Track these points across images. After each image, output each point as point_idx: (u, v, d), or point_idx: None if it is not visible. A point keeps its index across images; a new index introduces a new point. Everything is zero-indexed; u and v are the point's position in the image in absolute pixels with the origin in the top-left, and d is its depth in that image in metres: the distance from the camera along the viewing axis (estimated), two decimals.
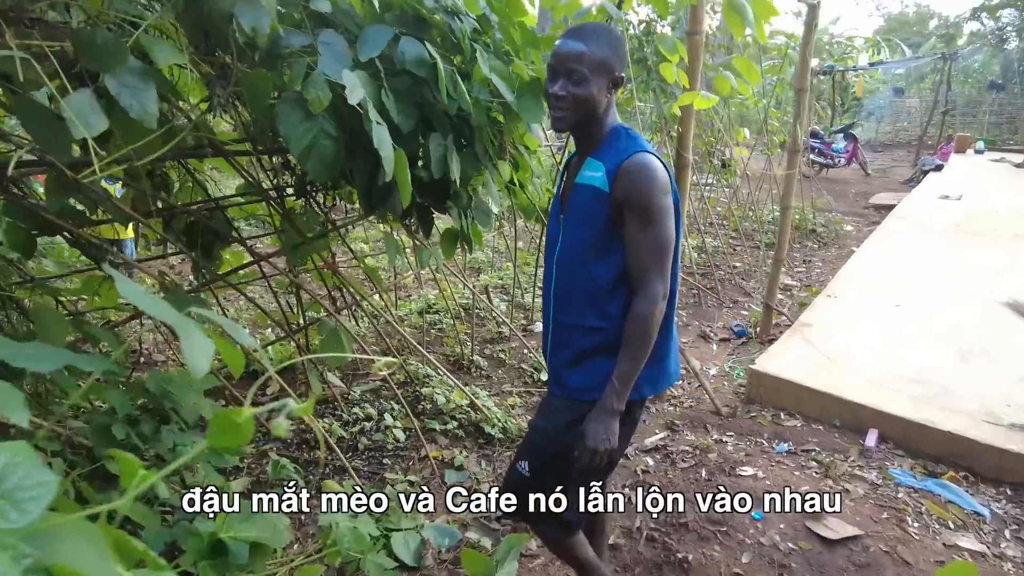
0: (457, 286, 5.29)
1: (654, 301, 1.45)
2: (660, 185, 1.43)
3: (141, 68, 1.45)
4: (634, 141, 1.50)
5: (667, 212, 1.44)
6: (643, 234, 1.44)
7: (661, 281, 1.46)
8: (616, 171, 1.45)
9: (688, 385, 3.82)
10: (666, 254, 1.46)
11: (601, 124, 1.54)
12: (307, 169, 1.85)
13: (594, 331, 1.57)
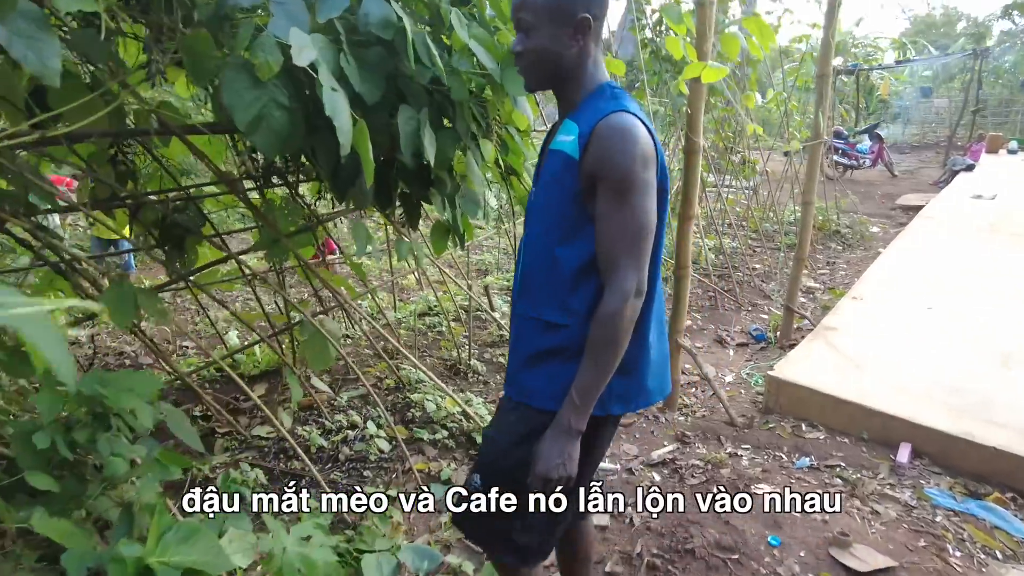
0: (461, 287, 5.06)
1: (624, 297, 1.17)
2: (640, 154, 1.16)
3: (38, 14, 1.24)
4: (616, 100, 1.24)
5: (646, 188, 1.17)
6: (615, 213, 1.17)
7: (634, 273, 1.18)
8: (589, 135, 1.19)
9: (701, 393, 3.55)
10: (642, 240, 1.18)
11: (577, 81, 1.29)
12: (255, 143, 1.63)
13: (553, 328, 1.30)
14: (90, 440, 1.73)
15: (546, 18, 1.23)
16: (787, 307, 4.22)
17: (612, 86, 1.29)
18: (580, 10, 1.22)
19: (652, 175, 1.19)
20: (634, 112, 1.21)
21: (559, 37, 1.23)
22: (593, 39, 1.27)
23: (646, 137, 1.18)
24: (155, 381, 1.87)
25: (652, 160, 1.19)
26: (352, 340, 4.25)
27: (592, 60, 1.28)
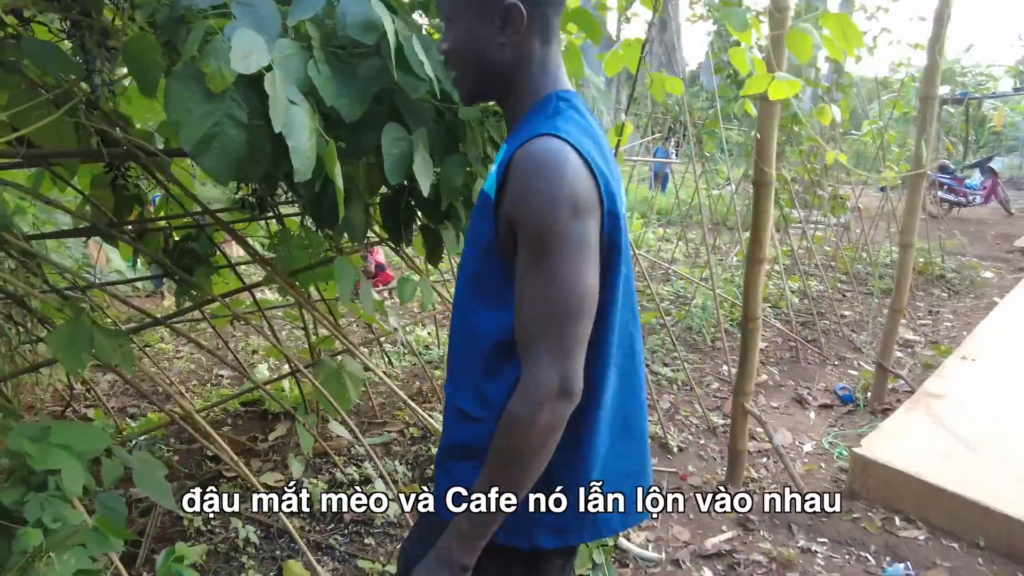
0: None
1: (538, 398, 0.82)
2: (568, 197, 0.81)
3: None
4: (555, 117, 0.89)
5: (575, 246, 0.82)
6: (532, 280, 0.84)
7: (556, 364, 0.82)
8: (506, 166, 0.87)
9: (773, 465, 3.03)
10: (570, 319, 0.83)
11: (517, 90, 0.97)
12: (203, 167, 1.37)
13: (467, 419, 0.97)
14: (18, 503, 1.49)
15: (463, 6, 0.94)
16: (880, 364, 3.63)
17: (562, 96, 0.95)
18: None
19: (588, 227, 0.83)
20: (568, 135, 0.85)
21: (483, 31, 0.93)
22: (537, 35, 0.94)
23: (579, 174, 0.83)
24: (100, 437, 1.62)
25: (589, 207, 0.83)
26: (391, 378, 3.99)
27: (537, 63, 0.96)
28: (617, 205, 0.89)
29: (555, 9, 0.95)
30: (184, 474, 2.76)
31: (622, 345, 0.96)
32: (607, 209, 0.86)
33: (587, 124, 0.91)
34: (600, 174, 0.85)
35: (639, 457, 1.06)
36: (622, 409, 1.00)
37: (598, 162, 0.86)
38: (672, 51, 19.02)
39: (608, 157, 0.93)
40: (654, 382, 3.94)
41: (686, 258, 7.23)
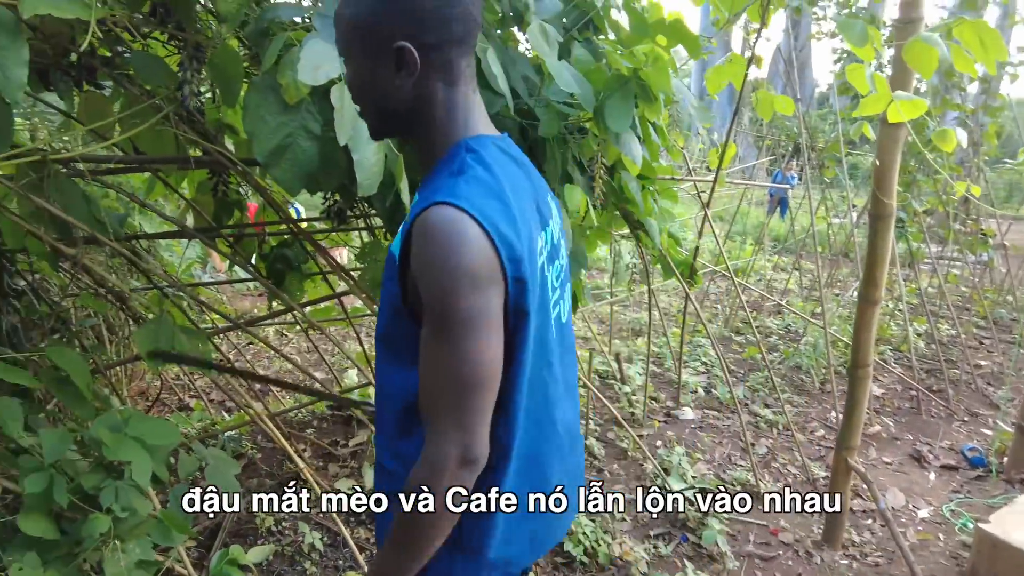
0: (600, 349, 4.59)
1: (439, 467, 0.82)
2: (467, 270, 0.79)
3: (9, 21, 1.09)
4: (454, 181, 0.83)
5: (475, 319, 0.80)
6: (433, 351, 0.83)
7: (457, 435, 0.82)
8: (408, 230, 0.84)
9: (879, 529, 2.71)
10: (471, 391, 0.82)
11: (422, 134, 0.91)
12: (274, 177, 1.39)
13: (385, 472, 0.99)
14: (96, 488, 1.56)
15: (355, 42, 0.87)
16: (1020, 426, 3.17)
17: (471, 146, 0.88)
18: (396, 36, 0.83)
19: (489, 299, 0.81)
20: (469, 202, 0.80)
21: (378, 71, 0.87)
22: (438, 77, 0.87)
23: (478, 246, 0.79)
24: (173, 432, 1.68)
25: (489, 279, 0.81)
26: None
27: (441, 105, 0.89)
28: (523, 268, 0.85)
29: (459, 49, 0.87)
30: (265, 472, 2.84)
31: (534, 395, 0.95)
32: (511, 276, 0.83)
33: (491, 179, 0.85)
34: (503, 243, 0.82)
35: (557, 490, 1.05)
36: (534, 456, 0.98)
37: (500, 226, 0.82)
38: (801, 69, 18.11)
39: (519, 209, 0.87)
40: (751, 423, 3.67)
41: (801, 290, 6.76)
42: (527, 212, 0.90)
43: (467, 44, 0.88)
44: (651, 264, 2.99)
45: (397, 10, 0.83)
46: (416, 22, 0.83)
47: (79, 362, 1.68)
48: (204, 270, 4.69)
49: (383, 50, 0.85)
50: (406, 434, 0.94)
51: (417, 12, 0.83)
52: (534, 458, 0.98)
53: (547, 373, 0.98)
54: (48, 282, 2.45)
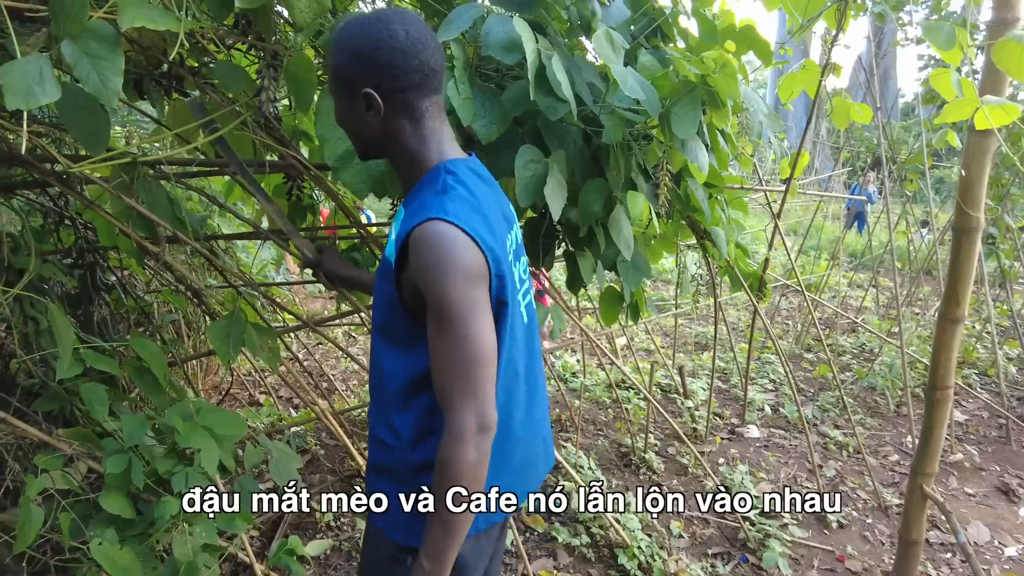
0: (664, 362, 4.51)
1: (461, 439, 0.97)
2: (459, 270, 0.98)
3: (110, 33, 1.16)
4: (440, 199, 1.02)
5: (471, 310, 0.99)
6: (441, 342, 1.00)
7: (472, 407, 0.98)
8: (405, 240, 1.02)
9: (960, 564, 2.54)
10: (477, 368, 1.00)
11: (399, 160, 1.12)
12: (342, 181, 1.44)
13: (382, 445, 1.16)
14: (168, 473, 1.65)
15: (337, 86, 1.07)
16: None
17: (449, 169, 1.07)
18: (363, 84, 1.03)
19: (480, 292, 1.01)
20: (456, 217, 0.99)
21: (353, 109, 1.07)
22: (403, 116, 1.06)
23: (467, 250, 0.99)
24: (241, 424, 1.75)
25: (478, 275, 1.00)
26: None
27: (412, 137, 1.08)
28: (503, 267, 1.04)
29: (416, 92, 1.05)
30: (327, 468, 2.93)
31: (508, 372, 1.13)
32: (494, 273, 1.02)
33: (471, 196, 1.04)
34: (487, 248, 1.00)
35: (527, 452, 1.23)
36: (507, 421, 1.15)
37: (483, 235, 1.00)
38: (884, 79, 17.35)
39: (493, 220, 1.06)
40: (820, 445, 3.52)
41: (878, 308, 6.45)
42: (499, 220, 1.10)
43: (427, 87, 1.06)
44: (718, 276, 2.92)
45: (363, 63, 1.02)
46: (378, 73, 1.02)
47: (158, 353, 1.77)
48: (278, 272, 4.88)
49: (355, 94, 1.04)
50: (401, 409, 1.11)
51: (379, 65, 1.02)
52: (506, 423, 1.14)
53: (515, 349, 1.16)
54: (135, 279, 2.60)
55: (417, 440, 1.10)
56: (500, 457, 1.14)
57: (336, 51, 1.05)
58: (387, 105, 1.04)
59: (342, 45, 1.04)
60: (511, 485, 1.20)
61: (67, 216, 2.05)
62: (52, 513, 1.50)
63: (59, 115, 1.35)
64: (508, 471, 1.18)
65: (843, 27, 1.77)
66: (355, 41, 1.03)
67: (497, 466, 1.13)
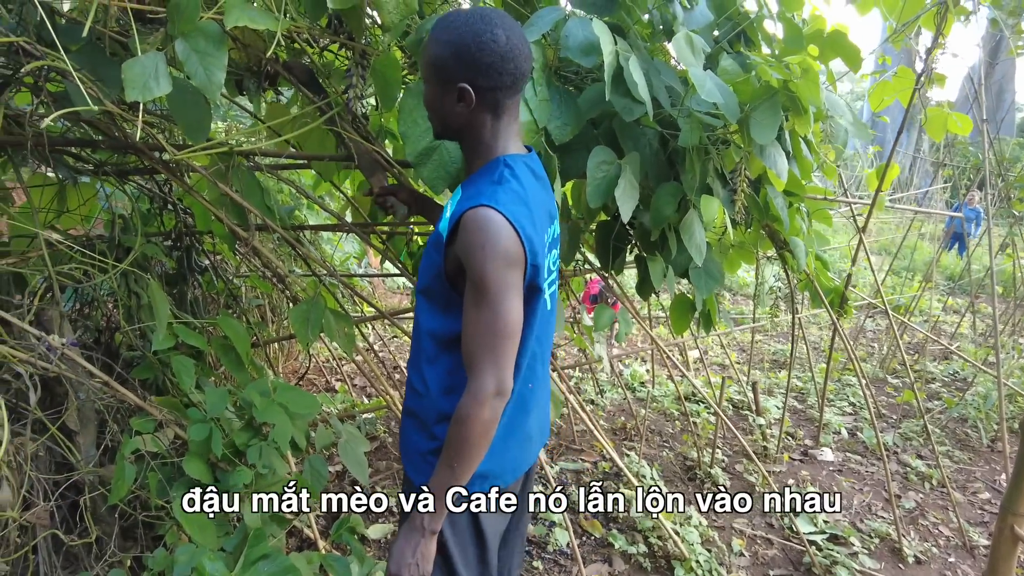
0: (737, 378, 4.38)
1: (479, 399, 1.11)
2: (502, 253, 1.09)
3: (216, 32, 1.26)
4: (498, 186, 1.13)
5: (506, 289, 1.11)
6: (475, 311, 1.12)
7: (493, 373, 1.11)
8: (457, 220, 1.13)
9: None
10: (503, 339, 1.12)
11: (471, 147, 1.22)
12: (421, 176, 1.49)
13: (414, 392, 1.30)
14: (244, 445, 1.75)
15: (432, 73, 1.16)
16: None
17: (508, 163, 1.17)
18: (460, 78, 1.12)
19: (515, 275, 1.12)
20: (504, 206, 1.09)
21: (444, 98, 1.16)
22: (488, 111, 1.16)
23: (509, 237, 1.10)
24: (314, 403, 1.84)
25: (515, 260, 1.11)
26: (596, 407, 3.95)
27: (489, 129, 1.19)
28: (539, 258, 1.14)
29: (506, 93, 1.14)
30: (394, 456, 3.01)
31: (530, 351, 1.25)
32: (529, 262, 1.12)
33: (522, 190, 1.14)
34: (526, 238, 1.10)
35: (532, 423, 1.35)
36: (521, 395, 1.28)
37: (525, 226, 1.11)
38: (999, 92, 16.20)
39: (537, 214, 1.16)
40: (900, 474, 3.33)
41: (975, 335, 6.03)
42: (542, 215, 1.20)
43: (514, 88, 1.15)
44: (797, 290, 2.82)
45: (463, 60, 1.11)
46: (476, 71, 1.11)
47: (242, 332, 1.89)
48: (360, 265, 5.06)
49: (449, 85, 1.13)
50: (432, 363, 1.24)
51: (478, 64, 1.10)
52: (521, 398, 1.26)
53: (542, 332, 1.27)
54: (226, 263, 2.78)
55: (442, 391, 1.22)
56: (515, 426, 1.29)
57: (438, 42, 1.13)
58: (478, 100, 1.14)
59: (445, 37, 1.12)
60: (519, 452, 1.33)
61: (170, 201, 2.21)
62: (142, 473, 1.63)
63: (168, 107, 1.46)
64: (515, 441, 1.30)
65: (944, 31, 1.68)
66: (459, 37, 1.11)
67: (511, 433, 1.28)
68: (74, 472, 1.67)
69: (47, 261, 1.57)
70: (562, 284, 2.65)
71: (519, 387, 1.25)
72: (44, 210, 2.02)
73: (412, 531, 1.18)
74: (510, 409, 1.24)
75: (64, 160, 1.93)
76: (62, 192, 2.09)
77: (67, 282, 1.74)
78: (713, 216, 1.59)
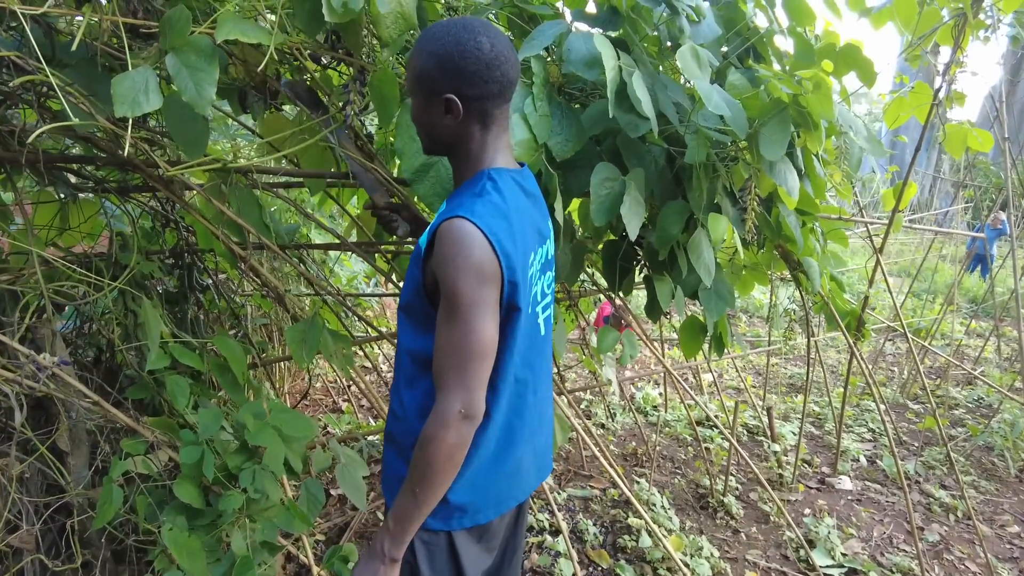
0: (753, 402, 4.27)
1: (444, 420, 1.05)
2: (475, 268, 1.03)
3: (207, 46, 1.24)
4: (476, 198, 1.09)
5: (477, 306, 1.05)
6: (444, 327, 1.07)
7: (460, 394, 1.05)
8: (433, 233, 1.08)
9: None
10: (473, 360, 1.06)
11: (457, 159, 1.18)
12: (417, 193, 1.46)
13: (392, 414, 1.24)
14: (237, 468, 1.70)
15: (417, 87, 1.12)
16: None
17: (492, 176, 1.12)
18: (446, 89, 1.09)
19: (488, 291, 1.06)
20: (481, 219, 1.04)
21: (431, 110, 1.12)
22: (476, 121, 1.12)
23: (484, 252, 1.04)
24: (309, 427, 1.79)
25: (490, 277, 1.05)
26: (607, 431, 3.86)
27: (477, 142, 1.14)
28: (517, 275, 1.08)
29: (493, 102, 1.10)
30: None
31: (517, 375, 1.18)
32: (507, 279, 1.06)
33: (503, 203, 1.08)
34: (503, 252, 1.05)
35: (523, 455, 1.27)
36: (508, 425, 1.21)
37: (502, 240, 1.05)
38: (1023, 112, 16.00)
39: (520, 229, 1.10)
40: (922, 504, 3.20)
41: (1000, 360, 5.86)
42: (527, 232, 1.14)
43: (502, 97, 1.12)
44: (812, 312, 2.74)
45: (448, 70, 1.07)
46: (461, 80, 1.07)
47: (239, 352, 1.85)
48: (369, 284, 5.04)
49: (435, 97, 1.10)
50: (411, 385, 1.18)
51: (463, 73, 1.07)
52: (507, 427, 1.19)
53: (527, 356, 1.19)
54: (230, 282, 2.75)
55: (419, 414, 1.16)
56: (501, 458, 1.21)
57: (422, 54, 1.09)
58: (465, 110, 1.10)
59: (429, 48, 1.09)
60: (505, 487, 1.25)
61: (172, 219, 2.19)
62: (132, 496, 1.58)
63: (165, 123, 1.45)
64: (499, 474, 1.23)
65: (962, 44, 1.62)
66: (442, 47, 1.07)
67: (496, 465, 1.21)
68: (63, 494, 1.63)
69: (40, 279, 1.54)
70: (571, 305, 2.59)
71: (506, 416, 1.19)
72: (45, 227, 2.00)
73: (372, 557, 1.13)
74: (495, 439, 1.18)
75: (64, 177, 1.91)
76: (64, 209, 2.08)
77: (63, 300, 1.72)
78: (721, 235, 1.53)
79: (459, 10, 1.63)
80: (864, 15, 1.63)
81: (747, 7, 1.73)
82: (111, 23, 1.28)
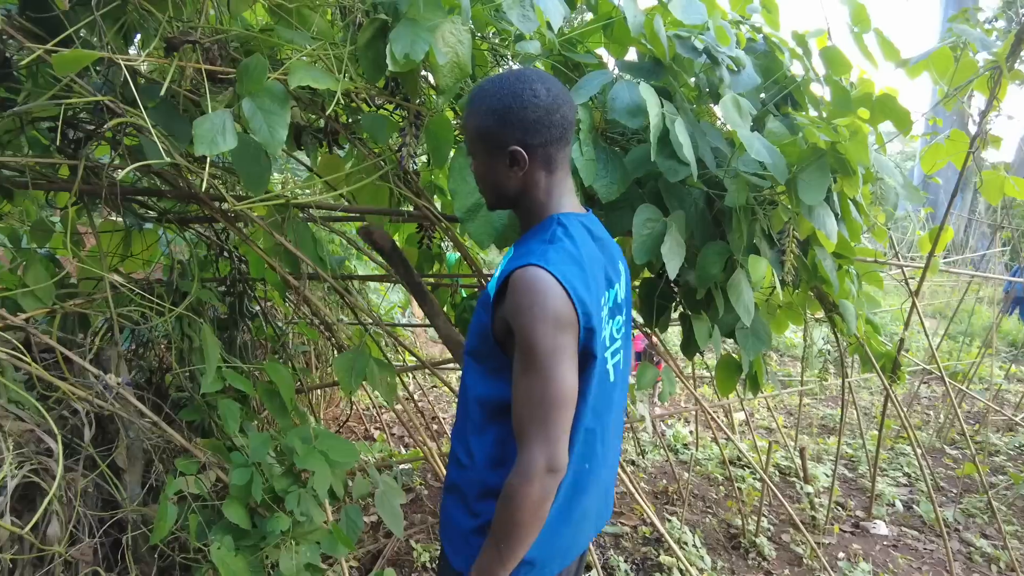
0: (785, 443, 4.22)
1: (528, 475, 1.01)
2: (552, 315, 1.02)
3: (281, 92, 1.34)
4: (548, 245, 1.08)
5: (555, 354, 1.02)
6: (523, 378, 1.04)
7: (543, 448, 1.01)
8: (505, 279, 1.07)
9: None
10: (554, 410, 1.03)
11: (524, 209, 1.18)
12: (468, 232, 1.53)
13: (458, 464, 1.21)
14: (284, 491, 1.76)
15: (479, 145, 1.13)
16: None
17: (562, 221, 1.12)
18: (510, 142, 1.09)
19: (567, 339, 1.03)
20: (555, 266, 1.03)
21: (496, 167, 1.13)
22: (542, 168, 1.12)
23: (559, 299, 1.02)
24: (353, 453, 1.84)
25: (567, 324, 1.03)
26: (637, 468, 3.85)
27: (542, 189, 1.14)
28: (592, 321, 1.06)
29: (557, 145, 1.11)
30: (429, 509, 2.98)
31: (586, 425, 1.14)
32: (583, 325, 1.05)
33: (575, 249, 1.08)
34: (578, 299, 1.03)
35: (588, 505, 1.23)
36: (576, 477, 1.17)
37: (577, 286, 1.04)
38: None
39: (592, 275, 1.09)
40: (962, 553, 3.12)
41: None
42: (598, 276, 1.13)
43: (564, 140, 1.12)
44: (847, 353, 2.74)
45: (510, 122, 1.08)
46: (524, 130, 1.08)
47: (288, 379, 1.93)
48: (404, 315, 5.14)
49: (500, 153, 1.11)
50: (480, 433, 1.16)
51: (525, 123, 1.08)
52: (575, 479, 1.16)
53: (598, 403, 1.16)
54: (276, 310, 2.85)
55: (489, 464, 1.14)
56: (569, 509, 1.18)
57: (479, 112, 1.10)
58: (531, 159, 1.10)
59: (486, 106, 1.09)
60: (571, 537, 1.21)
61: (226, 249, 2.30)
62: (183, 514, 1.65)
63: (232, 161, 1.54)
64: (566, 526, 1.19)
65: (998, 96, 1.66)
66: (499, 102, 1.08)
67: (565, 516, 1.18)
68: (119, 510, 1.70)
69: (110, 303, 1.64)
70: None
71: (574, 465, 1.14)
72: (110, 254, 2.12)
73: None
74: (563, 490, 1.13)
75: (132, 208, 2.03)
76: (127, 238, 2.20)
77: (126, 323, 1.81)
78: (761, 276, 1.57)
79: (507, 58, 1.73)
80: (901, 66, 1.68)
81: (784, 56, 1.79)
82: (194, 69, 1.39)
